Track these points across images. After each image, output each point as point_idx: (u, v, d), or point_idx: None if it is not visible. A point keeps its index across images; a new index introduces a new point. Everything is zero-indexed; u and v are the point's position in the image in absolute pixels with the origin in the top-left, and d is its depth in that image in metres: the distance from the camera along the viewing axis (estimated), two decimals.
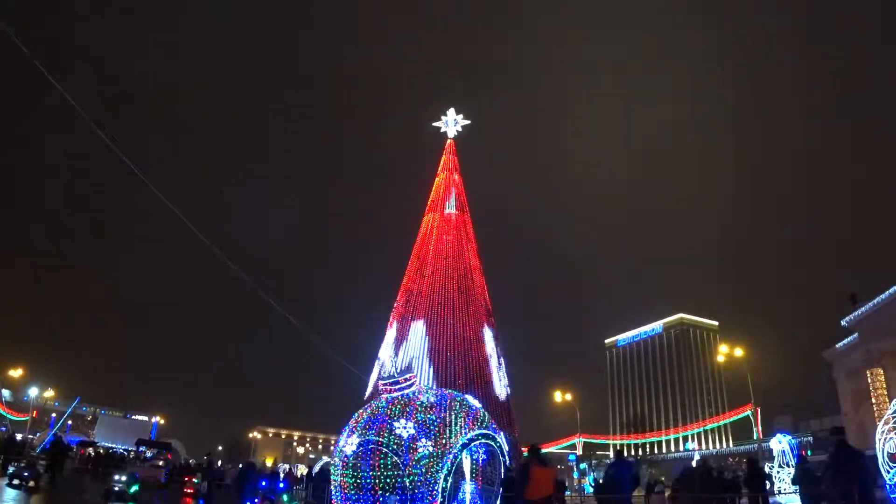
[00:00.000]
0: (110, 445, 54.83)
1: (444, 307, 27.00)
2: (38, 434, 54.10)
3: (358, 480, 15.21)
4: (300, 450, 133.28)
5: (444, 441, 14.96)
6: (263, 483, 25.22)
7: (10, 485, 18.34)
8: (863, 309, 51.95)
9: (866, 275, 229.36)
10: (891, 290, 49.00)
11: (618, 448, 20.09)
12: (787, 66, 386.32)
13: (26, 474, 18.90)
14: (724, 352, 44.92)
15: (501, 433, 17.93)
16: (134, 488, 18.95)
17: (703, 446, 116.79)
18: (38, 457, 34.89)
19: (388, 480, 14.72)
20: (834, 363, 58.50)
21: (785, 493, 20.99)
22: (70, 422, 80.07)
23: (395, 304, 29.09)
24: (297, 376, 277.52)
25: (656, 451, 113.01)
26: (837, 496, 10.01)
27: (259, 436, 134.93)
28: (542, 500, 9.92)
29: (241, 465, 30.44)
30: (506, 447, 17.32)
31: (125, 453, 40.24)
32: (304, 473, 45.21)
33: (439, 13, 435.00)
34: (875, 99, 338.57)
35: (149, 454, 37.50)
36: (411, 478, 14.46)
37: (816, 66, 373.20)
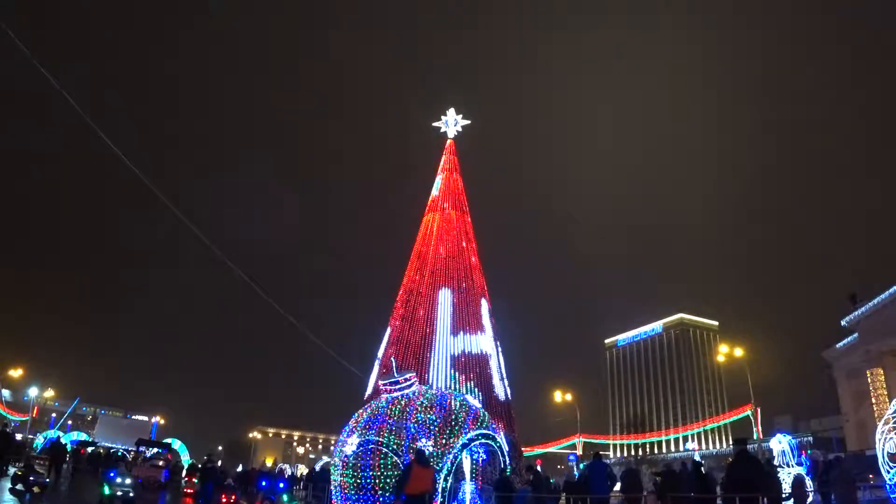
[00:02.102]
0: (110, 445, 54.83)
1: (444, 306, 26.99)
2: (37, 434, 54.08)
3: (358, 480, 15.22)
4: (300, 450, 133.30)
5: (444, 441, 14.97)
6: (264, 483, 25.29)
7: (12, 490, 17.49)
8: (863, 309, 51.98)
9: (866, 275, 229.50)
10: (891, 290, 49.03)
11: (597, 452, 20.39)
12: (789, 66, 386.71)
13: (31, 479, 18.00)
14: (724, 352, 44.95)
15: (501, 433, 17.94)
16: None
17: (703, 446, 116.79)
18: (37, 457, 34.94)
19: (388, 480, 14.73)
20: (834, 363, 58.52)
21: (785, 494, 20.98)
22: (70, 422, 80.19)
23: (395, 304, 29.08)
24: (297, 376, 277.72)
25: (656, 451, 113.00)
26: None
27: (259, 436, 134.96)
28: (419, 496, 12.02)
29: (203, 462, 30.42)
30: (506, 447, 17.33)
31: (125, 453, 40.17)
32: (304, 473, 45.24)
33: (441, 13, 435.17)
34: (877, 98, 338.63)
35: (149, 454, 37.49)
36: None
37: (820, 66, 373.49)
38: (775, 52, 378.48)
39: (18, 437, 43.54)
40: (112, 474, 18.12)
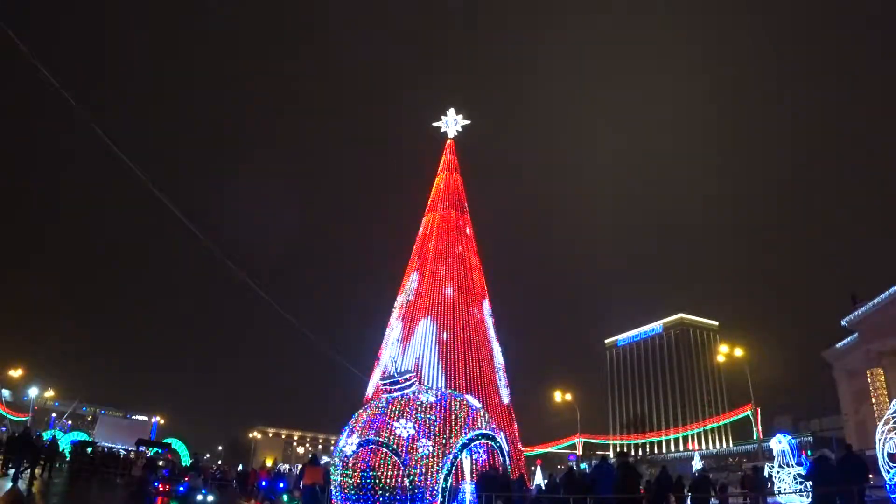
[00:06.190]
0: (110, 445, 54.75)
1: (444, 307, 26.97)
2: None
3: (358, 480, 15.22)
4: (300, 450, 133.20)
5: (444, 441, 14.96)
6: (263, 483, 25.23)
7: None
8: (863, 309, 51.93)
9: (866, 275, 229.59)
10: (891, 290, 49.00)
11: (605, 455, 20.91)
12: (792, 67, 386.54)
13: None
14: (724, 352, 44.86)
15: (501, 433, 17.92)
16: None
17: (703, 446, 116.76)
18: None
19: (388, 480, 14.73)
20: (834, 363, 58.50)
21: (785, 493, 20.97)
22: (70, 421, 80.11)
23: (395, 304, 29.06)
24: (297, 376, 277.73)
25: (656, 451, 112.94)
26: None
27: (259, 436, 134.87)
28: (311, 485, 15.91)
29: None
30: (505, 447, 17.32)
31: (121, 452, 40.04)
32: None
33: (441, 13, 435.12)
34: (875, 98, 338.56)
35: (149, 454, 37.37)
36: (411, 478, 14.47)
37: (820, 66, 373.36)
38: (776, 53, 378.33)
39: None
40: (182, 489, 16.25)
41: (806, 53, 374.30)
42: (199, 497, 16.04)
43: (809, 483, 17.96)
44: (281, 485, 24.04)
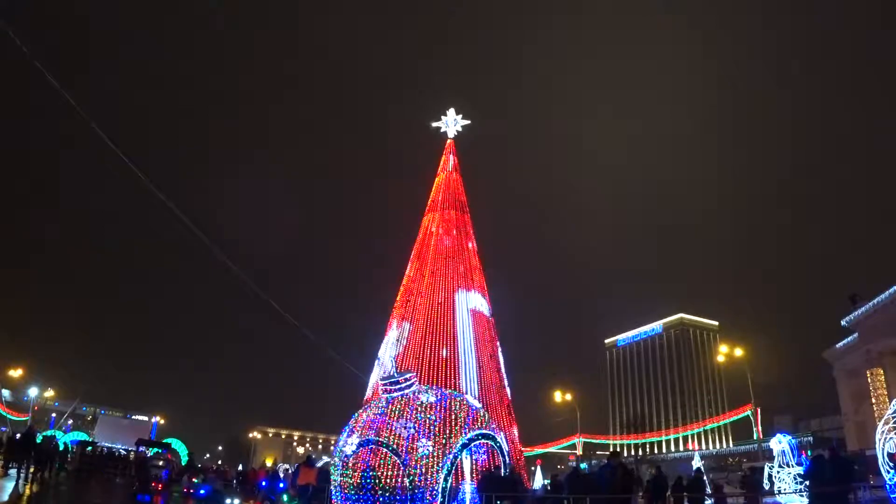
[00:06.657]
0: (110, 445, 54.70)
1: (444, 307, 26.95)
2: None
3: (358, 480, 15.22)
4: (300, 450, 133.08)
5: (444, 441, 14.96)
6: (263, 483, 25.22)
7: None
8: (863, 309, 51.91)
9: (866, 275, 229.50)
10: (891, 290, 48.95)
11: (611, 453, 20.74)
12: (791, 69, 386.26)
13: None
14: (724, 352, 44.89)
15: (501, 433, 17.92)
16: None
17: (704, 446, 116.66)
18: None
19: (388, 480, 14.73)
20: (834, 363, 58.51)
21: (785, 493, 20.98)
22: (70, 421, 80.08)
23: (395, 305, 29.05)
24: (297, 376, 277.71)
25: (656, 451, 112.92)
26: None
27: (259, 436, 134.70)
28: (304, 485, 16.57)
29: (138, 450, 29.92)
30: (505, 447, 17.32)
31: (121, 452, 40.02)
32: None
33: (441, 13, 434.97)
34: (876, 97, 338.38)
35: (149, 454, 37.36)
36: (411, 478, 14.46)
37: (821, 66, 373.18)
38: (776, 52, 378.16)
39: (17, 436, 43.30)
40: (204, 492, 16.24)
41: (806, 53, 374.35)
42: (228, 501, 16.45)
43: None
44: (281, 485, 24.02)
